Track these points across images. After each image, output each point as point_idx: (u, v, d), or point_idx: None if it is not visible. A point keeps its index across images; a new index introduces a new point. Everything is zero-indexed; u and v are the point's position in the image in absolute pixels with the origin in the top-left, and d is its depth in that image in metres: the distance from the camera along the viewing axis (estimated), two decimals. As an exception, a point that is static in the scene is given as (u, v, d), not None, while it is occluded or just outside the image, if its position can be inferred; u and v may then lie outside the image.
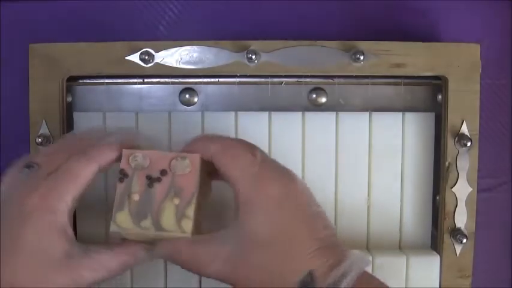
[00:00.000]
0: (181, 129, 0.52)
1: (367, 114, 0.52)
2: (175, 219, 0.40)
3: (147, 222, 0.40)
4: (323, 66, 0.51)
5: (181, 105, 0.53)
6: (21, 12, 0.55)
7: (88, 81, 0.53)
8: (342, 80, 0.53)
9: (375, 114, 0.52)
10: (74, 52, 0.50)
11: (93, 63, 0.50)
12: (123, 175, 0.41)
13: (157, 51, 0.50)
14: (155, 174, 0.41)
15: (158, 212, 0.41)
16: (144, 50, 0.50)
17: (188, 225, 0.40)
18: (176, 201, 0.41)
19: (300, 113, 0.52)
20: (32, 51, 0.50)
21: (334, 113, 0.52)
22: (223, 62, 0.50)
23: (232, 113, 0.52)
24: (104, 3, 0.55)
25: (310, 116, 0.52)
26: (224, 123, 0.52)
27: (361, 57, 0.50)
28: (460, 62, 0.50)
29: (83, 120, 0.52)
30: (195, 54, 0.50)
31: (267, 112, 0.52)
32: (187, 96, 0.53)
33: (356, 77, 0.52)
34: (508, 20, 0.56)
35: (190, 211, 0.40)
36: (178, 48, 0.50)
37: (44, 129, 0.50)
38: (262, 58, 0.50)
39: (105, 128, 0.50)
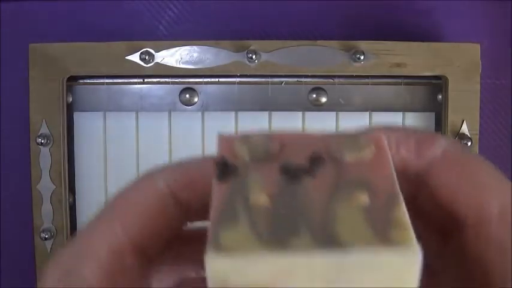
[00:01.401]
0: (181, 129, 0.52)
1: (367, 114, 0.52)
2: (371, 229, 0.22)
3: (301, 240, 0.21)
4: (323, 66, 0.51)
5: (181, 105, 0.53)
6: (21, 12, 0.55)
7: (88, 81, 0.53)
8: (342, 80, 0.53)
9: (375, 114, 0.52)
10: (74, 52, 0.50)
11: (93, 63, 0.50)
12: (224, 170, 0.23)
13: (157, 51, 0.50)
14: (298, 163, 0.24)
15: (326, 222, 0.22)
16: (144, 50, 0.50)
17: (406, 235, 0.22)
18: (362, 199, 0.23)
19: (300, 113, 0.52)
20: (32, 51, 0.50)
21: (334, 112, 0.52)
22: (223, 62, 0.50)
23: (232, 113, 0.52)
24: (104, 3, 0.55)
25: (311, 115, 0.52)
26: (224, 123, 0.52)
27: (362, 57, 0.50)
28: (460, 62, 0.50)
29: (83, 120, 0.52)
30: (195, 54, 0.50)
31: (267, 112, 0.52)
32: (187, 96, 0.53)
33: (356, 76, 0.52)
34: (508, 20, 0.56)
35: (401, 214, 0.22)
36: (178, 48, 0.50)
37: (44, 129, 0.50)
38: (262, 58, 0.50)
39: None
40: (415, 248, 0.20)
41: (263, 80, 0.53)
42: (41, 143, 0.50)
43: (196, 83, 0.53)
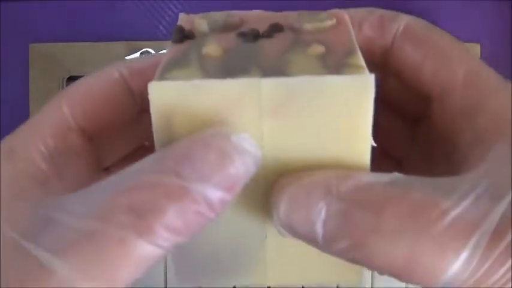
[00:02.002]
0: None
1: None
2: (324, 68, 0.20)
3: (250, 74, 0.20)
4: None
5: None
6: (21, 12, 0.55)
7: (88, 81, 0.53)
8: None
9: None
10: (74, 52, 0.50)
11: (93, 63, 0.50)
12: (181, 35, 0.24)
13: (157, 51, 0.50)
14: (255, 29, 0.23)
15: (278, 64, 0.21)
16: (144, 50, 0.50)
17: (359, 69, 0.20)
18: (318, 49, 0.21)
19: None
20: (32, 51, 0.50)
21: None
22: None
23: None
24: (104, 3, 0.55)
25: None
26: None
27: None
28: (460, 62, 0.50)
29: (83, 120, 0.52)
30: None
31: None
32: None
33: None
34: (508, 20, 0.56)
35: (357, 60, 0.20)
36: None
37: (44, 129, 0.50)
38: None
39: None
40: (367, 75, 0.19)
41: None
42: (41, 143, 0.50)
43: (196, 83, 0.53)
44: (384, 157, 0.28)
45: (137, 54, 0.50)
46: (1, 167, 0.21)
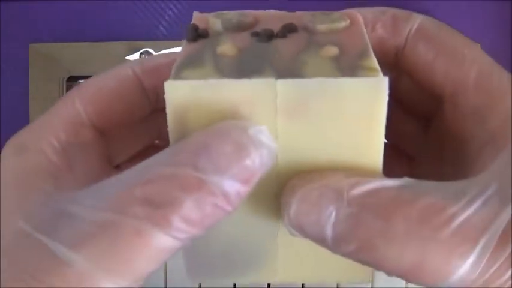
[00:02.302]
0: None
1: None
2: (338, 71, 0.21)
3: (265, 74, 0.20)
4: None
5: (181, 105, 0.53)
6: (21, 12, 0.55)
7: (88, 81, 0.53)
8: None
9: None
10: (74, 52, 0.50)
11: (93, 63, 0.50)
12: (196, 34, 0.24)
13: (157, 51, 0.50)
14: (269, 29, 0.23)
15: (292, 65, 0.21)
16: (144, 50, 0.50)
17: (373, 72, 0.20)
18: (332, 51, 0.22)
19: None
20: (32, 51, 0.50)
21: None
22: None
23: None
24: (104, 3, 0.55)
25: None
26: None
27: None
28: (460, 62, 0.50)
29: (83, 120, 0.52)
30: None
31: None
32: (187, 96, 0.53)
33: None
34: (508, 20, 0.56)
35: (371, 62, 0.21)
36: (178, 48, 0.50)
37: (44, 129, 0.50)
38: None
39: None
40: (381, 78, 0.19)
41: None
42: (41, 143, 0.50)
43: (196, 83, 0.53)
44: (397, 154, 0.28)
45: (137, 54, 0.50)
46: (13, 161, 0.21)
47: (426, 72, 0.24)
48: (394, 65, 0.25)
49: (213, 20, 0.25)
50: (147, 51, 0.50)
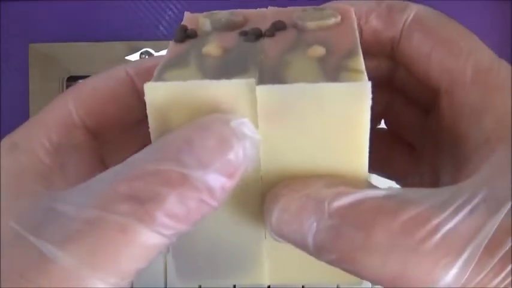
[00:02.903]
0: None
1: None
2: (322, 72, 0.20)
3: (247, 75, 0.20)
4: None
5: (181, 105, 0.53)
6: (21, 12, 0.55)
7: (88, 81, 0.53)
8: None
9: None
10: (74, 52, 0.50)
11: (93, 63, 0.50)
12: (183, 35, 0.23)
13: (157, 51, 0.50)
14: (257, 28, 0.23)
15: (276, 66, 0.21)
16: (144, 50, 0.50)
17: (357, 76, 0.20)
18: (319, 51, 0.21)
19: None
20: (32, 51, 0.50)
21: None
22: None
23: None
24: (104, 3, 0.55)
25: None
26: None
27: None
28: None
29: (83, 120, 0.52)
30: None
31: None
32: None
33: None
34: (508, 20, 0.56)
35: (356, 63, 0.20)
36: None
37: (44, 129, 0.50)
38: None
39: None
40: (362, 83, 0.19)
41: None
42: (41, 143, 0.50)
43: (196, 83, 0.53)
44: (399, 142, 0.27)
45: (137, 54, 0.50)
46: (4, 161, 0.21)
47: (422, 65, 0.23)
48: (390, 56, 0.25)
49: (202, 20, 0.24)
50: (147, 51, 0.50)
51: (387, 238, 0.18)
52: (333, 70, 0.20)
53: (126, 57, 0.50)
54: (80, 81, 0.25)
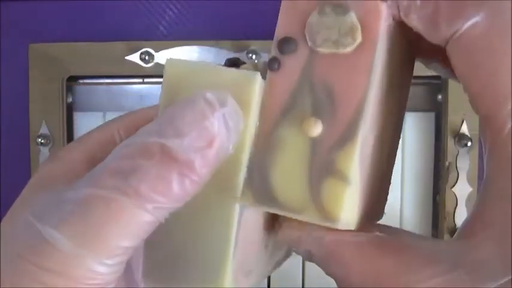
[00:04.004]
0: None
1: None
2: (308, 178, 0.19)
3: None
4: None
5: (181, 105, 0.53)
6: (21, 12, 0.55)
7: (88, 81, 0.53)
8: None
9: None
10: (74, 52, 0.50)
11: (93, 63, 0.50)
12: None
13: (157, 51, 0.50)
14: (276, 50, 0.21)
15: (268, 150, 0.20)
16: (144, 50, 0.50)
17: (338, 197, 0.19)
18: (313, 129, 0.19)
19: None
20: (32, 51, 0.50)
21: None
22: (223, 61, 0.50)
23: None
24: (104, 3, 0.55)
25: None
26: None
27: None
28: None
29: (83, 120, 0.52)
30: (195, 54, 0.50)
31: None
32: (187, 96, 0.53)
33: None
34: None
35: (347, 161, 0.19)
36: (178, 48, 0.50)
37: (44, 129, 0.50)
38: (262, 58, 0.50)
39: None
40: (339, 219, 0.19)
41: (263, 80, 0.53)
42: (41, 143, 0.50)
43: (196, 83, 0.53)
44: None
45: (137, 54, 0.50)
46: (42, 166, 0.23)
47: (463, 82, 0.20)
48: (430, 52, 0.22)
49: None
50: (147, 51, 0.50)
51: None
52: (321, 166, 0.19)
53: (126, 57, 0.50)
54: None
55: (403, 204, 0.53)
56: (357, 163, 0.19)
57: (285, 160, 0.20)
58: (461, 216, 0.51)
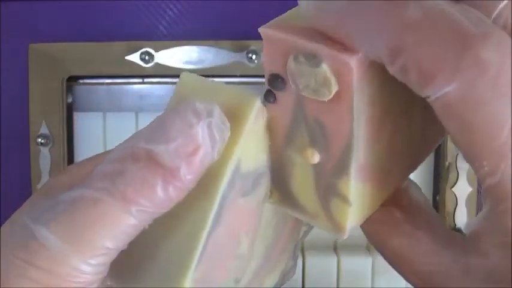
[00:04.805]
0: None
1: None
2: (317, 194, 0.21)
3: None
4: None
5: (181, 105, 0.53)
6: (21, 12, 0.55)
7: (88, 81, 0.53)
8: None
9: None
10: (74, 52, 0.50)
11: (93, 63, 0.50)
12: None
13: (157, 51, 0.50)
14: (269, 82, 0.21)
15: (283, 163, 0.22)
16: (144, 50, 0.50)
17: (343, 215, 0.20)
18: (312, 157, 0.20)
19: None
20: (32, 51, 0.50)
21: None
22: (223, 62, 0.50)
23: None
24: (104, 3, 0.55)
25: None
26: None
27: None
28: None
29: (83, 120, 0.52)
30: (194, 54, 0.50)
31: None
32: (187, 96, 0.53)
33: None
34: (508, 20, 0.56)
35: (346, 187, 0.20)
36: (178, 48, 0.50)
37: (44, 129, 0.50)
38: (262, 58, 0.50)
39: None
40: (345, 230, 0.21)
41: (263, 80, 0.53)
42: (41, 143, 0.50)
43: (196, 83, 0.53)
44: None
45: (137, 54, 0.50)
46: (52, 178, 0.24)
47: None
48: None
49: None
50: (147, 51, 0.50)
51: None
52: (324, 191, 0.21)
53: (126, 57, 0.50)
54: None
55: (403, 204, 0.53)
56: (356, 187, 0.20)
57: (297, 175, 0.22)
58: (461, 216, 0.51)
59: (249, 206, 0.23)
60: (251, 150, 0.22)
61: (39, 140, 0.50)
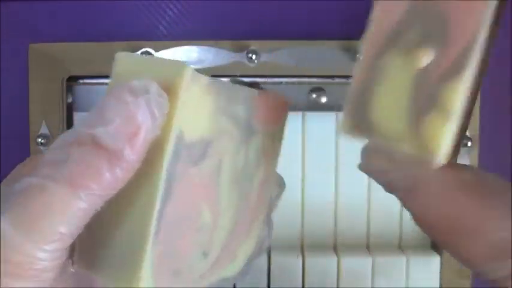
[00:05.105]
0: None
1: (367, 114, 0.52)
2: (409, 110, 0.20)
3: None
4: (323, 66, 0.51)
5: (181, 105, 0.53)
6: (21, 12, 0.55)
7: (88, 81, 0.53)
8: (342, 80, 0.53)
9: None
10: (74, 52, 0.50)
11: (93, 63, 0.50)
12: None
13: (157, 51, 0.50)
14: None
15: (370, 80, 0.22)
16: (144, 50, 0.50)
17: (440, 132, 0.19)
18: (423, 58, 0.20)
19: (300, 113, 0.52)
20: (32, 51, 0.50)
21: (334, 112, 0.52)
22: (223, 62, 0.50)
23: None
24: (104, 3, 0.55)
25: (310, 115, 0.52)
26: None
27: (362, 57, 0.50)
28: (460, 62, 0.50)
29: (83, 120, 0.52)
30: (194, 54, 0.50)
31: (267, 112, 0.52)
32: (187, 96, 0.53)
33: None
34: (508, 20, 0.56)
35: (453, 94, 0.19)
36: (178, 48, 0.50)
37: (44, 129, 0.50)
38: (262, 58, 0.50)
39: None
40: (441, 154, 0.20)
41: (263, 80, 0.53)
42: (41, 143, 0.50)
43: (196, 83, 0.53)
44: None
45: (137, 54, 0.50)
46: (16, 168, 0.26)
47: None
48: None
49: None
50: (147, 51, 0.50)
51: None
52: (423, 101, 0.20)
53: (126, 57, 0.50)
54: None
55: (403, 204, 0.53)
56: (462, 97, 0.19)
57: (386, 91, 0.20)
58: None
59: (203, 175, 0.23)
60: (191, 118, 0.22)
61: (39, 140, 0.50)
